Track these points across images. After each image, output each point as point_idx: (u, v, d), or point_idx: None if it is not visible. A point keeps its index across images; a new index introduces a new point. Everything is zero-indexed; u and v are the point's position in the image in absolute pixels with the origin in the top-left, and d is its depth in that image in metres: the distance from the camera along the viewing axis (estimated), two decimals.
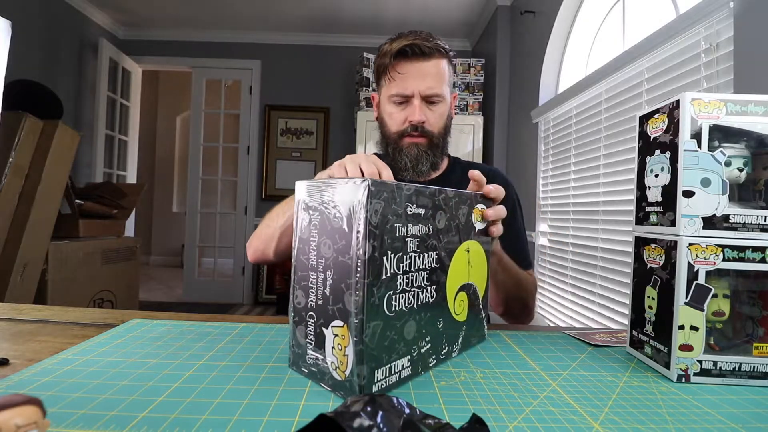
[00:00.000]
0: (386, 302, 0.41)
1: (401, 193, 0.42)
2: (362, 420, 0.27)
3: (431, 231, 0.47)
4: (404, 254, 0.43)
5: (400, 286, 0.42)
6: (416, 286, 0.45)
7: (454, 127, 0.93)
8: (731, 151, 0.47)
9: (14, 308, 0.68)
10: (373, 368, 0.40)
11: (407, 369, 0.44)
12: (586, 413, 0.38)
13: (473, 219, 0.55)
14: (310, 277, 0.43)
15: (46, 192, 1.78)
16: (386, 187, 0.41)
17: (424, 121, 0.84)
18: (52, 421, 0.26)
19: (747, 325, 0.48)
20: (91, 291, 2.08)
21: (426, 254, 0.46)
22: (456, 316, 0.52)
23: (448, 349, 0.51)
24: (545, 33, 2.24)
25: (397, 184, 0.42)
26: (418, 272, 0.45)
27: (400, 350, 0.43)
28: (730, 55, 1.06)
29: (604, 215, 1.64)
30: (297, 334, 0.44)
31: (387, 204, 0.41)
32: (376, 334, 0.40)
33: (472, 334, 0.56)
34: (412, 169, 0.86)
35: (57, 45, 2.98)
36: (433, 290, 0.47)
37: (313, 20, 3.45)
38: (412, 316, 0.44)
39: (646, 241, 0.52)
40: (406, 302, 0.43)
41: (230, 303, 3.70)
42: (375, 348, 0.40)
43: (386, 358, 0.41)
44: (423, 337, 0.46)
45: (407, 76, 0.83)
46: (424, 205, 0.45)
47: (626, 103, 1.52)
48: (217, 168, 3.87)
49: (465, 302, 0.54)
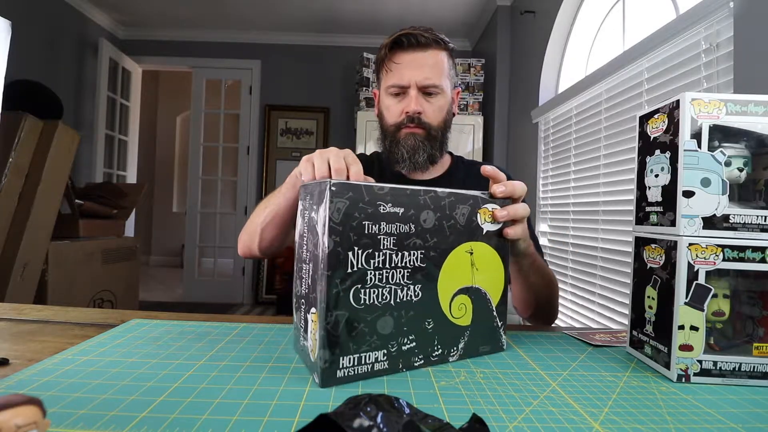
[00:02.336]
0: (353, 295, 0.44)
1: (371, 192, 0.45)
2: (362, 420, 0.27)
3: (413, 230, 0.47)
4: (375, 251, 0.45)
5: (371, 281, 0.45)
6: (393, 283, 0.46)
7: (454, 127, 0.93)
8: (731, 151, 0.47)
9: (14, 308, 0.68)
10: (338, 355, 0.43)
11: (383, 363, 0.46)
12: (586, 413, 0.38)
13: (479, 220, 0.53)
14: (303, 268, 0.48)
15: (46, 192, 1.78)
16: (351, 187, 0.44)
17: (420, 112, 0.83)
18: (52, 421, 0.26)
19: (747, 325, 0.48)
20: (91, 291, 2.08)
21: (406, 252, 0.47)
22: (454, 319, 0.51)
23: (441, 351, 0.50)
24: (545, 33, 2.24)
25: (366, 184, 0.45)
26: (395, 269, 0.46)
27: (373, 343, 0.45)
28: (730, 55, 1.06)
29: (604, 215, 1.64)
30: (295, 318, 0.51)
31: (352, 203, 0.44)
32: (340, 323, 0.43)
33: (480, 342, 0.53)
34: (408, 160, 0.84)
35: (57, 45, 2.97)
36: (417, 289, 0.48)
37: (313, 20, 3.45)
38: (388, 312, 0.46)
39: (646, 241, 0.52)
40: (380, 297, 0.45)
41: (230, 303, 3.70)
42: (340, 336, 0.43)
43: (353, 347, 0.44)
44: (404, 335, 0.47)
45: (403, 66, 0.83)
46: (402, 204, 0.47)
47: (626, 103, 1.52)
48: (217, 168, 3.87)
49: (468, 306, 0.52)
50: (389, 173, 0.92)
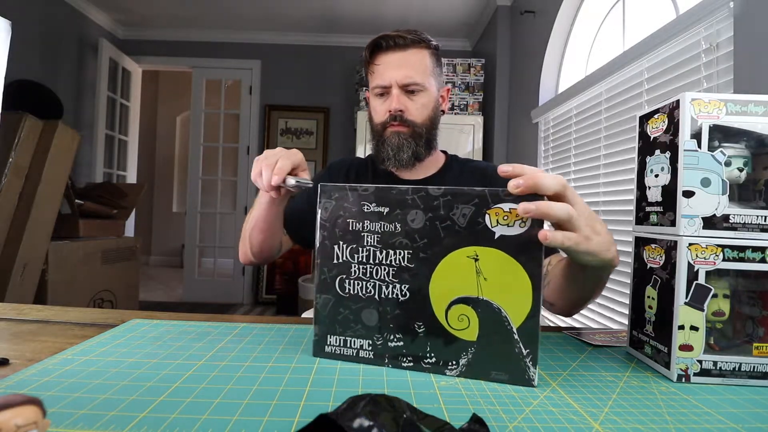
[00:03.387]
0: (338, 283, 0.50)
1: (355, 193, 0.50)
2: (362, 420, 0.27)
3: (398, 229, 0.48)
4: (360, 246, 0.49)
5: (354, 273, 0.49)
6: (378, 279, 0.49)
7: (453, 127, 0.93)
8: (731, 151, 0.47)
9: (14, 308, 0.68)
10: (325, 332, 0.50)
11: (368, 352, 0.49)
12: (586, 413, 0.38)
13: (488, 222, 0.46)
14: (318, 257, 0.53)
15: (46, 192, 1.78)
16: (338, 189, 0.50)
17: (402, 110, 0.84)
18: (52, 421, 0.26)
19: (747, 325, 0.48)
20: (91, 291, 2.08)
21: (391, 251, 0.48)
22: (453, 330, 0.46)
23: (437, 361, 0.47)
24: (545, 33, 2.24)
25: (351, 186, 0.50)
26: (379, 266, 0.49)
27: (359, 331, 0.49)
28: (730, 55, 1.06)
29: (604, 215, 1.64)
30: None
31: (338, 203, 0.50)
32: (327, 306, 0.50)
33: (491, 366, 0.45)
34: (393, 158, 0.85)
35: (57, 45, 2.97)
36: (404, 288, 0.48)
37: (313, 20, 3.45)
38: (373, 306, 0.49)
39: (646, 241, 0.52)
40: (363, 290, 0.49)
41: (230, 303, 3.70)
42: (327, 316, 0.50)
43: (339, 329, 0.50)
44: (390, 332, 0.48)
45: (383, 67, 0.85)
46: (387, 203, 0.48)
47: (626, 103, 1.52)
48: (217, 168, 3.86)
49: (471, 319, 0.46)
50: (383, 173, 0.93)
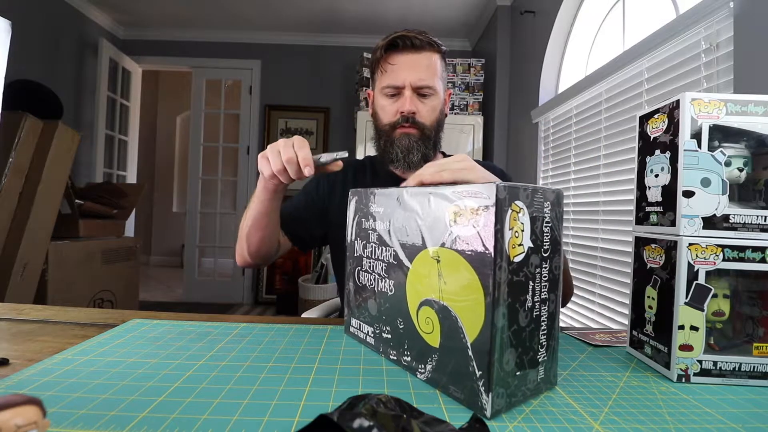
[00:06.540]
0: (356, 273, 0.57)
1: (366, 194, 0.55)
2: (362, 420, 0.27)
3: (389, 228, 0.50)
4: (367, 243, 0.54)
5: (364, 266, 0.55)
6: (376, 273, 0.52)
7: (454, 127, 0.93)
8: (731, 151, 0.47)
9: (14, 308, 0.68)
10: (350, 314, 0.58)
11: (371, 338, 0.53)
12: (586, 413, 0.38)
13: (447, 220, 0.41)
14: None
15: (46, 192, 1.78)
16: (358, 192, 0.57)
17: (415, 112, 0.84)
18: (52, 421, 0.26)
19: (747, 325, 0.48)
20: (91, 291, 2.08)
21: (384, 248, 0.51)
22: (422, 333, 0.44)
23: (411, 361, 0.45)
24: (545, 33, 2.23)
25: (370, 189, 0.54)
26: (378, 261, 0.52)
27: (366, 318, 0.54)
28: (730, 55, 1.06)
29: (604, 215, 1.64)
30: None
31: (357, 204, 0.57)
32: (350, 292, 0.58)
33: (448, 379, 0.40)
34: (403, 159, 0.85)
35: (57, 45, 2.97)
36: (391, 284, 0.50)
37: (313, 20, 3.45)
38: (374, 297, 0.53)
39: (646, 241, 0.52)
40: (369, 281, 0.54)
41: (230, 303, 3.70)
42: (351, 300, 0.58)
43: (357, 313, 0.57)
44: (384, 323, 0.51)
45: (398, 67, 0.84)
46: (382, 203, 0.52)
47: (626, 103, 1.52)
48: (217, 168, 3.86)
49: (434, 324, 0.42)
50: (383, 174, 0.92)
